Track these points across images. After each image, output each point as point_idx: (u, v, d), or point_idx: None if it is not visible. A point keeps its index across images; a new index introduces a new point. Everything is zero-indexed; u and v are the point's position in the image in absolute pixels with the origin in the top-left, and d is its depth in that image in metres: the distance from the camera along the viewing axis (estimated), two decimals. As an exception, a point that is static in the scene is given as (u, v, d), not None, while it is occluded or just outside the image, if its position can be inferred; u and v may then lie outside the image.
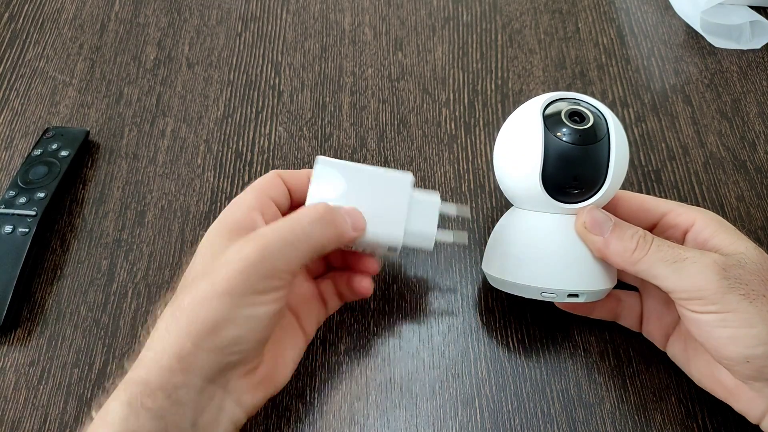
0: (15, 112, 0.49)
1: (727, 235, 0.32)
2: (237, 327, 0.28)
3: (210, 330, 0.28)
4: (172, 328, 0.28)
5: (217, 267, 0.29)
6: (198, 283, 0.29)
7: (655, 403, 0.36)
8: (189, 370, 0.28)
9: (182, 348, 0.28)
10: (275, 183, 0.34)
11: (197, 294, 0.28)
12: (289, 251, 0.29)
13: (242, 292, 0.28)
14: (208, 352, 0.28)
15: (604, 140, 0.32)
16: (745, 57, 0.51)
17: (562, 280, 0.34)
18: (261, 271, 0.28)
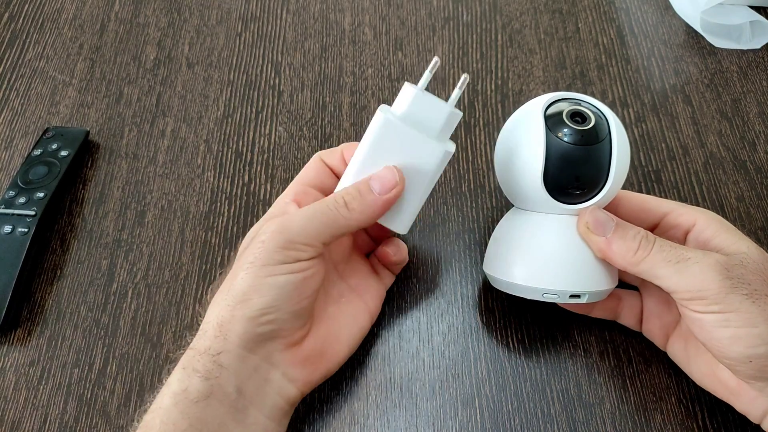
0: (15, 112, 0.49)
1: (728, 235, 0.32)
2: (263, 295, 0.31)
3: (240, 299, 0.31)
4: (215, 301, 0.32)
5: (250, 244, 0.32)
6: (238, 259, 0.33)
7: (655, 403, 0.36)
8: (227, 337, 0.31)
9: (222, 317, 0.31)
10: (317, 167, 0.36)
11: (234, 270, 0.32)
12: (306, 225, 0.32)
13: (264, 261, 0.31)
14: (241, 320, 0.31)
15: (606, 141, 0.32)
16: (745, 57, 0.51)
17: (563, 280, 0.34)
18: (278, 242, 0.31)
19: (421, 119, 0.32)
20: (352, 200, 0.32)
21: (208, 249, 0.42)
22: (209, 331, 0.31)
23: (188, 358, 0.31)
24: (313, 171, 0.36)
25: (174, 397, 0.30)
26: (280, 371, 0.32)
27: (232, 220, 0.43)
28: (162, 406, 0.30)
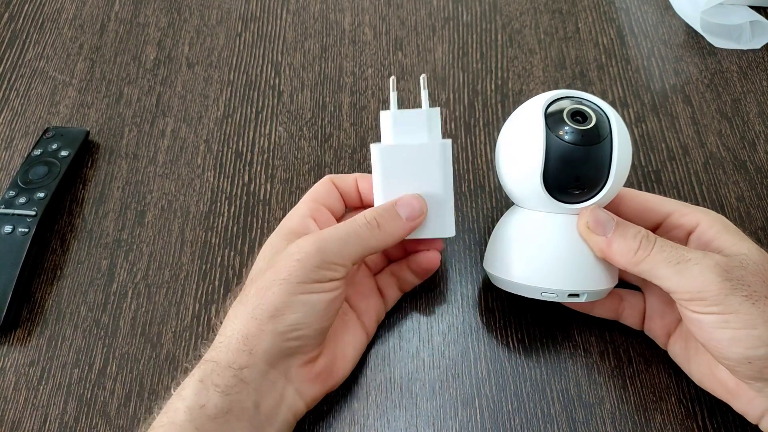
0: (15, 112, 0.49)
1: (730, 236, 0.32)
2: (295, 312, 0.31)
3: (272, 313, 0.31)
4: (239, 314, 0.32)
5: (279, 260, 0.32)
6: (264, 274, 0.32)
7: (655, 403, 0.36)
8: (253, 351, 0.31)
9: (248, 330, 0.31)
10: (328, 190, 0.37)
11: (262, 283, 0.32)
12: (342, 246, 0.32)
13: (299, 279, 0.31)
14: (270, 335, 0.31)
15: (607, 140, 0.32)
16: (745, 57, 0.51)
17: (562, 279, 0.34)
18: (315, 261, 0.31)
19: (408, 133, 0.34)
20: (385, 222, 0.34)
21: (208, 249, 0.42)
22: (233, 344, 0.31)
23: (206, 372, 0.30)
24: (324, 192, 0.37)
25: (190, 412, 0.29)
26: (294, 387, 0.32)
27: (232, 220, 0.43)
28: (176, 421, 0.29)
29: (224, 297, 0.40)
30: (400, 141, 0.34)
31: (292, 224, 0.35)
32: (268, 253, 0.34)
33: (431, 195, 0.35)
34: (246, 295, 0.32)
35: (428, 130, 0.34)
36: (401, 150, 0.34)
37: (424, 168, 0.34)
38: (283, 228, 0.35)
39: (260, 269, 0.34)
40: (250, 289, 0.32)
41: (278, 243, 0.34)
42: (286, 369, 0.32)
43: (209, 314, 0.40)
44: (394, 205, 0.34)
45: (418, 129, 0.34)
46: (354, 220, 0.33)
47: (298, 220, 0.35)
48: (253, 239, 0.42)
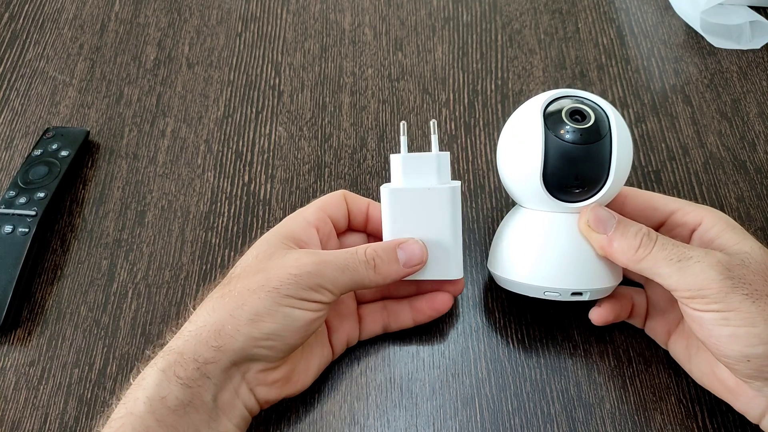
0: (15, 112, 0.49)
1: (733, 234, 0.32)
2: (274, 322, 0.31)
3: (252, 317, 0.31)
4: (217, 308, 0.31)
5: (274, 266, 0.32)
6: (253, 275, 0.32)
7: (655, 403, 0.36)
8: (222, 348, 0.31)
9: (222, 327, 0.31)
10: (338, 203, 0.37)
11: (250, 284, 0.32)
12: (338, 275, 0.33)
13: (288, 292, 0.31)
14: (244, 337, 0.31)
15: (606, 138, 0.32)
16: (745, 57, 0.51)
17: (565, 278, 0.34)
18: (309, 282, 0.32)
19: (418, 176, 0.35)
20: (381, 264, 0.34)
21: (208, 249, 0.42)
22: (203, 336, 0.31)
23: (169, 362, 0.30)
24: (334, 204, 0.37)
25: (150, 403, 0.29)
26: (248, 387, 0.32)
27: (232, 220, 0.43)
28: (134, 411, 0.29)
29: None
30: (410, 184, 0.35)
31: (294, 228, 0.35)
32: (263, 253, 0.33)
33: (439, 237, 0.35)
34: (229, 289, 0.32)
35: (438, 173, 0.35)
36: (410, 193, 0.35)
37: (433, 211, 0.35)
38: (284, 229, 0.35)
39: (250, 266, 0.33)
40: (235, 285, 0.32)
41: (276, 245, 0.34)
42: (246, 370, 0.32)
43: (209, 314, 0.40)
44: (395, 248, 0.34)
45: (428, 172, 0.35)
46: (355, 253, 0.34)
47: (303, 225, 0.35)
48: (253, 239, 0.42)
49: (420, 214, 0.35)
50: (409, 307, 0.37)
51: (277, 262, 0.32)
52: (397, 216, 0.35)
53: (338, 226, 0.37)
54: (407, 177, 0.35)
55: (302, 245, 0.34)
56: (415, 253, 0.35)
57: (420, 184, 0.35)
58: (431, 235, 0.35)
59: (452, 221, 0.35)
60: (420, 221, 0.35)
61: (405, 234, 0.35)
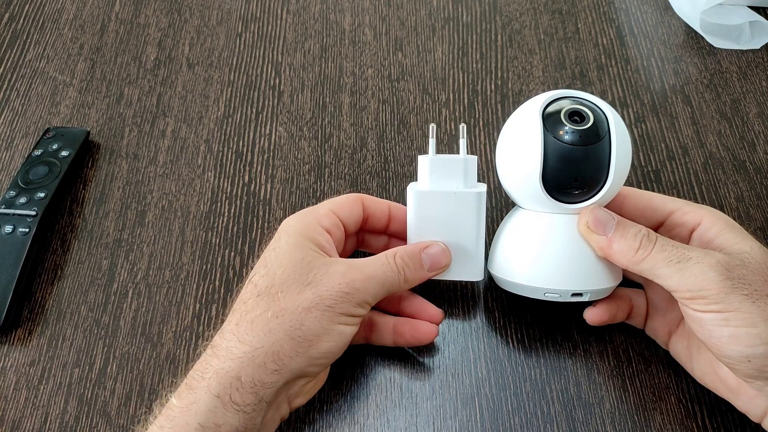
0: (15, 113, 0.49)
1: (732, 234, 0.32)
2: (330, 341, 0.31)
3: (311, 339, 0.31)
4: (274, 330, 0.30)
5: (322, 280, 0.32)
6: (301, 288, 0.31)
7: (655, 403, 0.36)
8: (281, 371, 0.30)
9: (281, 349, 0.30)
10: (351, 207, 0.36)
11: (302, 301, 0.31)
12: (378, 290, 0.33)
13: (341, 310, 0.31)
14: (303, 357, 0.31)
15: (605, 139, 0.32)
16: (744, 57, 0.52)
17: (565, 279, 0.34)
18: (358, 298, 0.32)
19: (444, 178, 0.35)
20: (409, 272, 0.34)
21: (208, 249, 0.42)
22: (259, 358, 0.30)
23: (224, 386, 0.29)
24: (347, 207, 0.36)
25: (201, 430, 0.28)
26: (288, 400, 0.32)
27: (232, 220, 0.43)
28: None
29: (224, 297, 0.40)
30: (436, 187, 0.35)
31: (314, 233, 0.34)
32: (301, 261, 0.32)
33: (462, 240, 0.36)
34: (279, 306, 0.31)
35: (464, 177, 0.35)
36: (437, 196, 0.35)
37: (458, 214, 0.35)
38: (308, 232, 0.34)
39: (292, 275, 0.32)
40: (284, 300, 0.31)
41: (309, 252, 0.33)
42: (293, 386, 0.32)
43: (210, 314, 0.40)
44: (420, 252, 0.35)
45: (455, 175, 0.35)
46: (388, 264, 0.34)
47: (318, 230, 0.34)
48: (254, 239, 0.43)
49: (445, 217, 0.35)
50: (392, 328, 0.37)
51: (323, 275, 0.32)
52: (422, 217, 0.35)
53: (348, 230, 0.37)
54: (434, 179, 0.35)
55: (324, 250, 0.34)
56: (440, 258, 0.35)
57: (447, 187, 0.35)
58: (455, 238, 0.36)
59: (476, 225, 0.35)
60: (444, 223, 0.35)
61: (429, 235, 0.36)
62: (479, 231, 0.36)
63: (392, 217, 0.38)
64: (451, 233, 0.36)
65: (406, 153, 0.46)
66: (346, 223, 0.36)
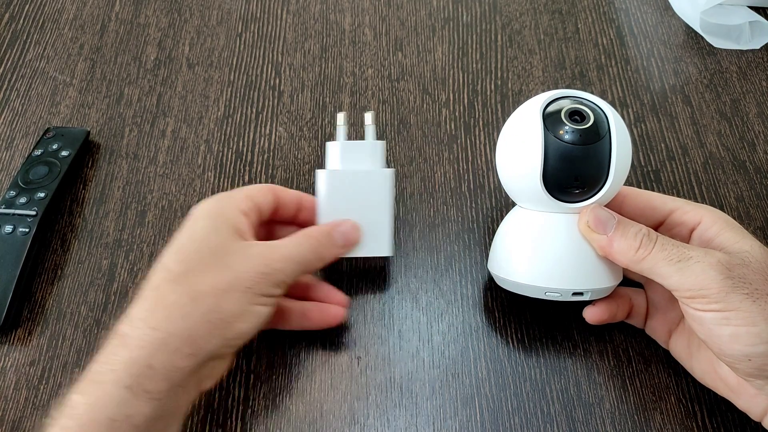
0: (15, 113, 0.49)
1: (732, 233, 0.32)
2: (246, 321, 0.31)
3: (228, 320, 0.30)
4: (189, 313, 0.30)
5: (239, 262, 0.32)
6: (218, 271, 0.31)
7: (655, 402, 0.36)
8: (196, 354, 0.30)
9: (197, 333, 0.30)
10: (265, 195, 0.36)
11: (218, 282, 0.31)
12: (295, 269, 0.33)
13: (259, 291, 0.31)
14: (219, 339, 0.30)
15: (605, 138, 0.32)
16: (744, 57, 0.52)
17: (566, 279, 0.34)
18: (275, 278, 0.32)
19: (354, 162, 0.37)
20: (323, 249, 0.35)
21: (208, 249, 0.42)
22: (172, 344, 0.29)
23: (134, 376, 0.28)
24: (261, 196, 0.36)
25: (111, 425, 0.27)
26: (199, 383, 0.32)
27: (232, 220, 0.43)
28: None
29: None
30: (346, 167, 0.37)
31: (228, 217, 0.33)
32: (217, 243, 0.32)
33: (372, 217, 0.37)
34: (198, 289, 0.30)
35: (372, 160, 0.37)
36: (347, 176, 0.37)
37: (368, 193, 0.37)
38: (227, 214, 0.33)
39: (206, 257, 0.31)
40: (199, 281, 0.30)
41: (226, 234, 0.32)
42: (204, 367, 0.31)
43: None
44: (333, 230, 0.36)
45: (363, 159, 0.37)
46: (302, 243, 0.34)
47: (236, 214, 0.34)
48: (254, 239, 0.43)
49: (355, 196, 0.37)
50: (301, 312, 0.37)
51: (241, 257, 0.32)
52: (332, 197, 0.37)
53: (262, 217, 0.36)
54: (344, 162, 0.37)
55: (242, 234, 0.33)
56: (352, 235, 0.37)
57: (356, 168, 0.37)
58: (365, 216, 0.37)
59: (386, 202, 0.37)
60: (354, 202, 0.37)
61: (339, 215, 0.37)
62: (389, 208, 0.37)
63: (302, 207, 0.38)
64: (361, 212, 0.37)
65: (406, 153, 0.46)
66: (261, 210, 0.36)
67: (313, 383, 0.37)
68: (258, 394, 0.37)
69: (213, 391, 0.37)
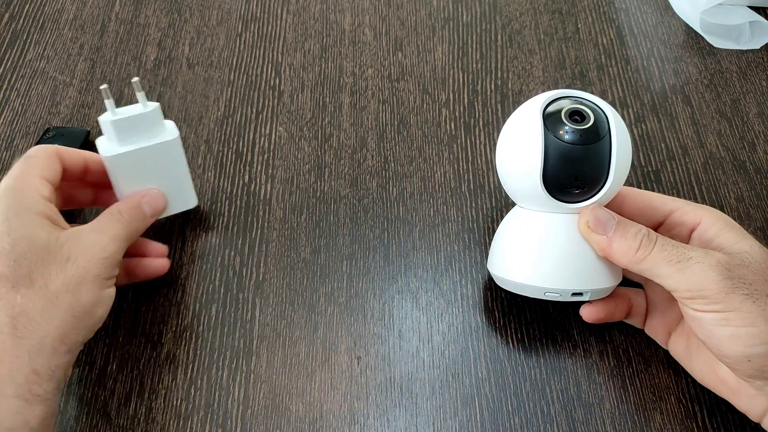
0: (15, 113, 0.49)
1: (732, 233, 0.32)
2: (102, 306, 0.33)
3: (89, 310, 0.32)
4: (55, 313, 0.31)
5: (79, 253, 0.32)
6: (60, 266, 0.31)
7: (655, 402, 0.36)
8: (71, 349, 0.31)
9: (66, 329, 0.31)
10: (53, 164, 0.35)
11: (72, 278, 0.31)
12: (124, 245, 0.35)
13: (106, 275, 0.33)
14: (84, 329, 0.32)
15: (606, 139, 0.32)
16: (744, 57, 0.52)
17: (565, 279, 0.34)
18: (114, 259, 0.34)
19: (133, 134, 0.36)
20: (137, 223, 0.36)
21: (208, 249, 0.42)
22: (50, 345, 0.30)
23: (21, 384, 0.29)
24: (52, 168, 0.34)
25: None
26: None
27: (232, 221, 0.43)
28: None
29: (224, 297, 0.40)
30: (129, 146, 0.36)
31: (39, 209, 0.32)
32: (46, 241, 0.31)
33: (170, 179, 0.39)
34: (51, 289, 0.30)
35: (151, 127, 0.37)
36: (132, 154, 0.36)
37: (159, 161, 0.37)
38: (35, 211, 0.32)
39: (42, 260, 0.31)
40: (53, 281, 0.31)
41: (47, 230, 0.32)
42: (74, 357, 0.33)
43: (210, 314, 0.40)
44: (140, 203, 0.37)
45: (142, 130, 0.36)
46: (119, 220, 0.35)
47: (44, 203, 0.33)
48: (254, 239, 0.43)
49: (147, 168, 0.37)
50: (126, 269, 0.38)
51: (77, 247, 0.32)
52: (125, 175, 0.37)
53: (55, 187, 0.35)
54: (122, 138, 0.36)
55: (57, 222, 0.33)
56: (158, 202, 0.38)
57: (139, 143, 0.36)
58: (163, 180, 0.38)
59: (180, 164, 0.39)
60: (149, 172, 0.37)
61: (138, 187, 0.38)
62: (184, 166, 0.39)
63: (89, 169, 0.37)
64: (158, 178, 0.38)
65: (406, 153, 0.46)
66: (54, 185, 0.35)
67: (313, 383, 0.37)
68: (258, 394, 0.37)
69: (213, 391, 0.37)
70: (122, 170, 0.37)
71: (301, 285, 0.41)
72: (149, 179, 0.38)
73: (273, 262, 0.42)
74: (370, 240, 0.42)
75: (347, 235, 0.43)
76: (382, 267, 0.41)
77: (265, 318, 0.39)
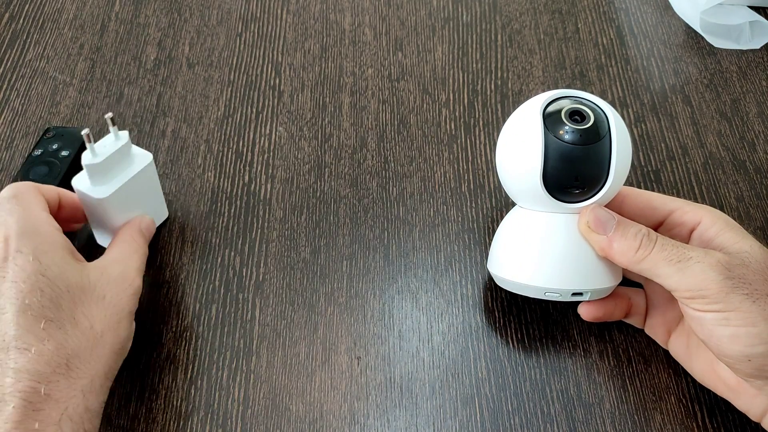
0: (15, 112, 0.49)
1: (732, 233, 0.32)
2: (130, 338, 0.35)
3: (125, 345, 0.34)
4: (101, 353, 0.32)
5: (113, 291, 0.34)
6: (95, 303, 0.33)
7: (655, 402, 0.36)
8: (111, 380, 0.33)
9: (111, 366, 0.33)
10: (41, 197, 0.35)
11: (112, 316, 0.33)
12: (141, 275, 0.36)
13: (134, 310, 0.35)
14: (121, 360, 0.34)
15: (606, 139, 0.32)
16: (744, 57, 0.52)
17: (566, 279, 0.34)
18: (138, 292, 0.36)
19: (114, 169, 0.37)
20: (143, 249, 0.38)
21: (208, 249, 0.42)
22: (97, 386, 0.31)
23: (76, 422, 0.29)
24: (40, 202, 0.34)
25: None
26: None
27: (232, 220, 0.43)
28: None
29: (224, 297, 0.40)
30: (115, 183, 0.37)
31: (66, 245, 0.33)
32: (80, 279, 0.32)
33: (149, 199, 0.41)
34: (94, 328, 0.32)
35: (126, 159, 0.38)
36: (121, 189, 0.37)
37: (138, 188, 0.39)
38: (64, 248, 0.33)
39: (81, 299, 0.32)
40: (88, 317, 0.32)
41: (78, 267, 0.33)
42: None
43: (210, 314, 0.40)
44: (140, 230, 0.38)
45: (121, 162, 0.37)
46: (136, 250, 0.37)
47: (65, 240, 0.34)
48: (254, 239, 0.43)
49: (133, 195, 0.38)
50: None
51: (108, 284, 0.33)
52: (118, 210, 0.38)
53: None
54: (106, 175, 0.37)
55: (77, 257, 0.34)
56: (150, 226, 0.40)
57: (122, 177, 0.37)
58: (145, 203, 0.40)
59: (154, 183, 0.40)
60: (134, 201, 0.39)
61: (127, 216, 0.39)
62: (158, 186, 0.41)
63: (63, 205, 0.37)
64: (142, 201, 0.40)
65: (406, 153, 0.46)
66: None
67: (313, 383, 0.37)
68: (258, 394, 0.37)
69: (213, 391, 0.37)
70: (115, 206, 0.38)
71: (301, 285, 0.41)
72: (134, 206, 0.39)
73: (273, 262, 0.42)
74: (370, 240, 0.42)
75: (347, 235, 0.43)
76: (382, 267, 0.41)
77: (265, 318, 0.39)
